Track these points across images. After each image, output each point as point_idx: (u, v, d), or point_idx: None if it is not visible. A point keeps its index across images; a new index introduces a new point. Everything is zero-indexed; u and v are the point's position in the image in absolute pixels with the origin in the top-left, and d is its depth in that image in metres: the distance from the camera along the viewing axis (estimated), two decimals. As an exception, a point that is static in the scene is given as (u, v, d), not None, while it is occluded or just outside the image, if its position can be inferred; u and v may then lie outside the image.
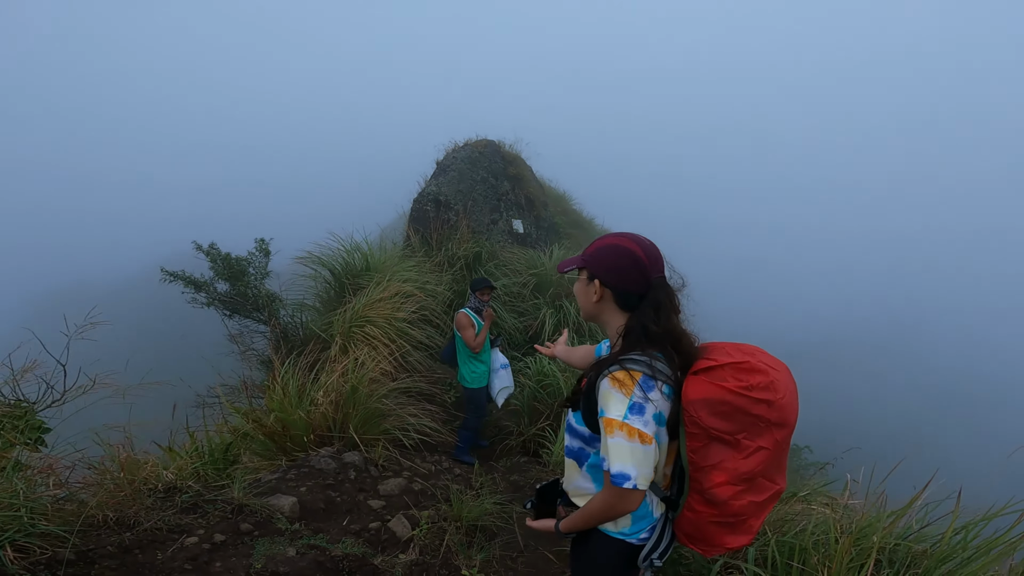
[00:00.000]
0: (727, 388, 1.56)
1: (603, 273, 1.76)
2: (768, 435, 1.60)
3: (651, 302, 1.70)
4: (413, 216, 9.99)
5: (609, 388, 1.61)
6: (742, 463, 1.59)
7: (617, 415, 1.58)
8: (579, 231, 13.87)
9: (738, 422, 1.57)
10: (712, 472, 1.60)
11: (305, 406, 4.35)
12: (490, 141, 12.02)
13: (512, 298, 8.24)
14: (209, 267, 7.46)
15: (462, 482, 4.45)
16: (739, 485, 1.60)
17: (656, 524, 1.81)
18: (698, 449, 1.60)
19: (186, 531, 2.92)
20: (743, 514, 1.64)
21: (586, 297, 1.83)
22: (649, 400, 1.59)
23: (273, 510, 3.19)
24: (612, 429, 1.57)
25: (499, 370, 5.51)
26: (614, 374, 1.62)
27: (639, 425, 1.57)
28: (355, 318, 6.37)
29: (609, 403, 1.60)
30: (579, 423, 1.81)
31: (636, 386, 1.59)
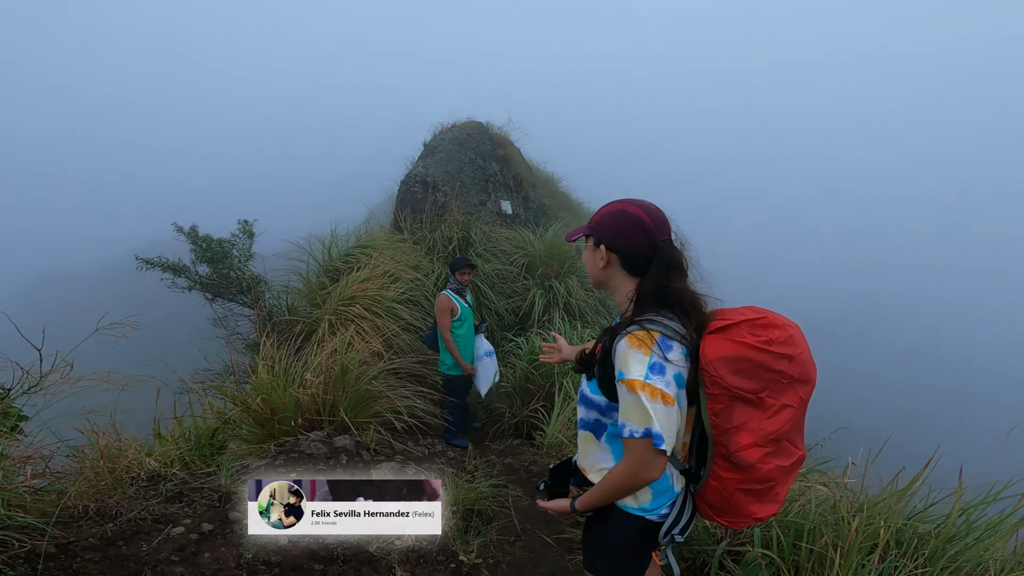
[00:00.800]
0: (747, 344, 1.50)
1: (609, 238, 1.72)
2: (792, 392, 1.56)
3: (659, 264, 1.66)
4: (400, 198, 9.90)
5: (628, 349, 1.55)
6: (768, 423, 1.53)
7: (639, 375, 1.52)
8: (568, 213, 13.76)
9: (761, 379, 1.52)
10: (738, 434, 1.53)
11: (294, 388, 4.22)
12: (478, 123, 11.91)
13: (501, 281, 8.12)
14: (190, 250, 7.26)
15: (456, 466, 4.36)
16: (766, 447, 1.54)
17: (677, 498, 1.75)
18: (721, 411, 1.53)
19: (172, 521, 2.80)
20: (771, 479, 1.58)
21: (594, 263, 1.79)
22: (669, 361, 1.54)
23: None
24: (634, 389, 1.52)
25: (483, 358, 5.40)
26: (633, 333, 1.57)
27: (661, 385, 1.51)
28: (342, 298, 6.24)
29: (629, 363, 1.54)
30: (595, 392, 1.74)
31: (655, 345, 1.54)
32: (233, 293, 7.10)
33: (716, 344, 1.53)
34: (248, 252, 7.73)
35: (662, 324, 1.58)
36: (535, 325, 7.27)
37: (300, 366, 4.51)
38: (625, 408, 1.55)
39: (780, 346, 1.51)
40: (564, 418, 4.85)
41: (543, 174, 14.77)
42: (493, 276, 8.07)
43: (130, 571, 2.47)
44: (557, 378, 5.40)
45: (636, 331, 1.57)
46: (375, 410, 4.39)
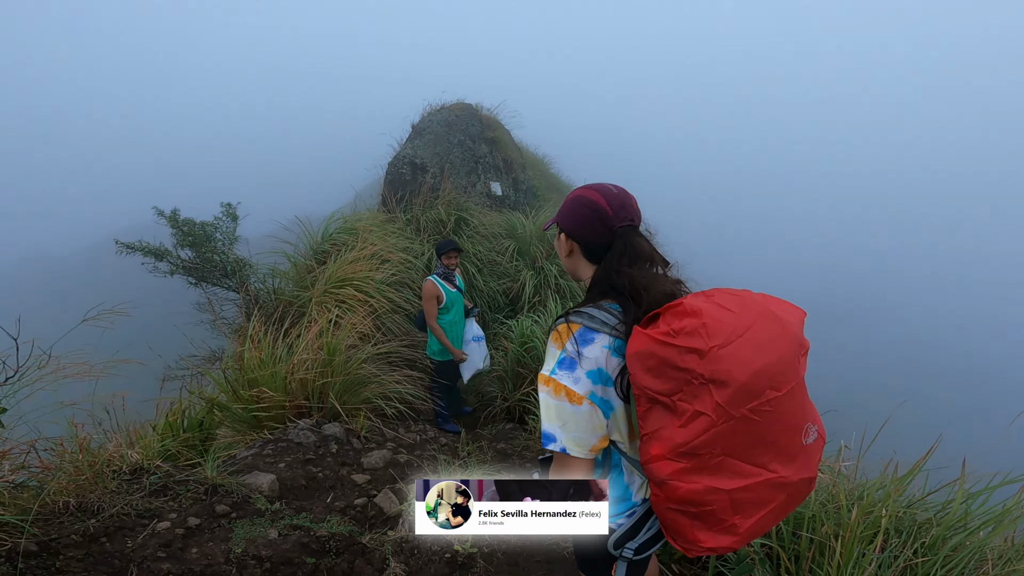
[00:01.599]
0: (652, 337, 1.31)
1: (569, 226, 1.64)
2: (705, 396, 1.26)
3: (615, 251, 1.54)
4: (389, 180, 9.80)
5: (549, 343, 1.49)
6: (679, 432, 1.29)
7: (546, 369, 1.45)
8: (558, 195, 13.65)
9: (670, 379, 1.29)
10: (649, 442, 1.35)
11: (280, 374, 4.13)
12: (467, 104, 11.80)
13: (491, 264, 8.04)
14: (171, 234, 7.09)
15: (448, 452, 4.30)
16: (678, 461, 1.30)
17: (635, 510, 1.56)
18: (642, 415, 1.36)
19: (157, 516, 2.71)
20: (703, 504, 1.31)
21: (560, 252, 1.72)
22: (582, 355, 1.41)
23: (251, 489, 2.99)
24: (540, 385, 1.45)
25: (470, 342, 5.31)
26: (557, 327, 1.48)
27: (567, 382, 1.40)
28: (330, 280, 6.14)
29: (546, 358, 1.48)
30: None
31: (570, 339, 1.43)
32: (217, 277, 6.95)
33: (636, 338, 1.36)
34: (232, 235, 7.57)
35: (588, 316, 1.45)
36: (526, 307, 7.21)
37: (287, 351, 4.41)
38: (542, 406, 1.47)
39: (686, 338, 1.27)
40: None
41: (534, 156, 14.66)
42: (483, 258, 7.99)
43: (115, 568, 2.38)
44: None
45: (560, 324, 1.47)
46: (365, 396, 4.31)
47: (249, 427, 4.12)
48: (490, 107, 12.11)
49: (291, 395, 4.08)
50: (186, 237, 7.10)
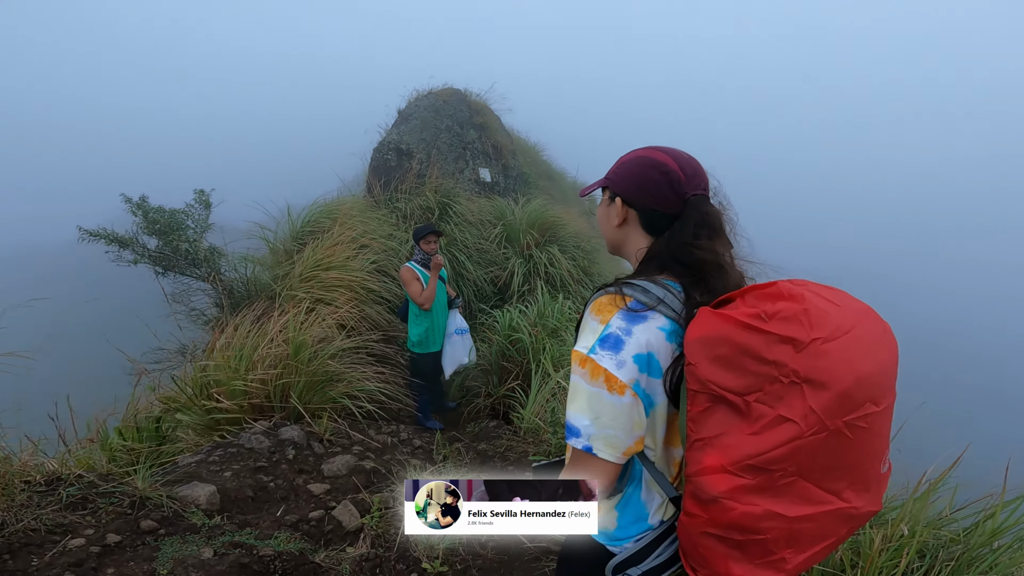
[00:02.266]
0: (732, 319, 1.03)
1: (626, 190, 1.31)
2: (794, 399, 0.97)
3: (686, 222, 1.24)
4: (374, 166, 9.47)
5: (588, 315, 1.20)
6: (750, 441, 1.00)
7: (583, 346, 1.15)
8: (550, 182, 13.32)
9: (749, 374, 1.01)
10: (704, 450, 1.05)
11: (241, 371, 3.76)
12: (456, 90, 11.47)
13: (479, 251, 7.68)
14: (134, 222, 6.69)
15: (423, 455, 3.93)
16: (741, 476, 1.01)
17: (649, 534, 1.26)
18: (697, 416, 1.07)
19: (71, 531, 2.34)
20: (755, 531, 1.02)
21: (608, 221, 1.39)
22: (632, 333, 1.12)
23: (186, 502, 2.61)
24: (573, 365, 1.16)
25: (452, 335, 4.93)
26: (600, 298, 1.21)
27: (608, 364, 1.10)
28: (305, 270, 5.77)
29: (583, 333, 1.19)
30: None
31: (618, 313, 1.15)
32: (184, 266, 6.56)
33: (700, 320, 1.09)
34: (204, 223, 7.18)
35: (643, 289, 1.17)
36: (515, 296, 6.85)
37: (250, 346, 4.04)
38: (570, 391, 1.17)
39: (780, 324, 0.99)
40: (542, 398, 4.43)
41: (525, 143, 14.29)
42: (471, 245, 7.62)
43: (12, 595, 2.02)
44: (534, 355, 4.97)
45: (605, 293, 1.21)
46: (331, 395, 3.94)
47: (206, 430, 3.75)
48: (479, 92, 11.76)
49: (249, 395, 3.70)
50: (152, 225, 6.71)
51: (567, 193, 13.71)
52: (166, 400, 4.07)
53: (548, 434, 3.91)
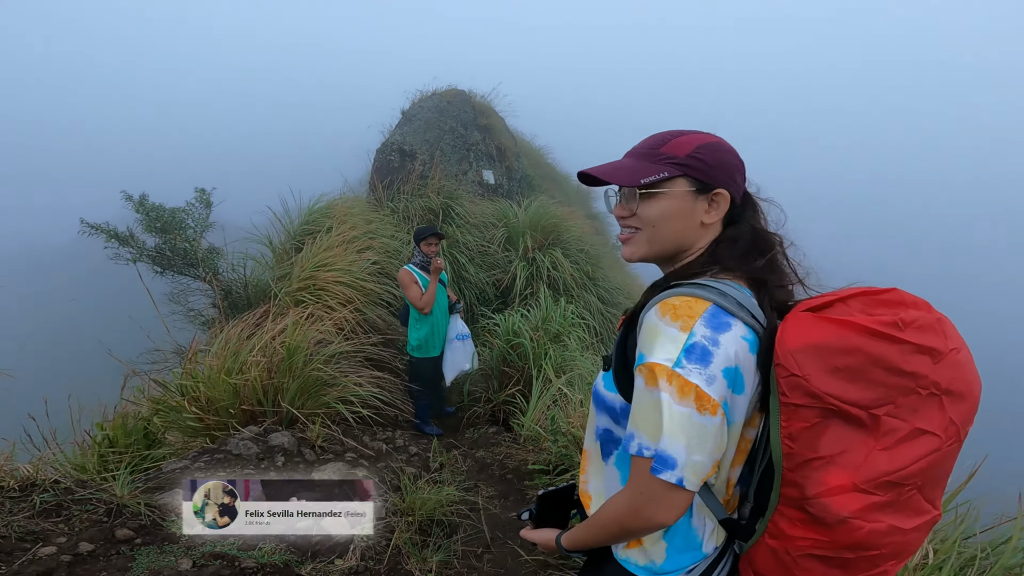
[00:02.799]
0: (860, 326, 0.92)
1: (725, 179, 1.14)
2: (932, 411, 0.93)
3: (755, 209, 1.19)
4: (377, 166, 9.44)
5: (657, 320, 1.01)
6: (883, 457, 0.92)
7: (665, 359, 0.96)
8: (554, 184, 13.22)
9: (877, 385, 0.91)
10: (825, 469, 0.94)
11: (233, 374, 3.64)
12: (460, 91, 11.44)
13: (481, 254, 7.57)
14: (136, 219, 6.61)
15: (418, 463, 3.80)
16: (875, 494, 0.93)
17: (703, 563, 1.15)
18: (801, 432, 0.95)
19: (42, 539, 2.22)
20: (872, 547, 0.96)
21: (688, 218, 1.14)
22: (720, 343, 0.97)
23: (166, 510, 2.50)
24: (654, 381, 0.96)
25: (452, 341, 4.81)
26: (666, 299, 1.04)
27: (698, 380, 0.95)
28: (304, 271, 5.66)
29: (655, 341, 0.99)
30: (609, 387, 1.18)
31: (700, 319, 0.99)
32: (180, 266, 6.46)
33: (804, 326, 0.96)
34: (204, 222, 7.09)
35: (719, 291, 1.03)
36: (517, 300, 6.74)
37: (244, 348, 3.93)
38: (637, 409, 1.00)
39: (917, 333, 0.92)
40: (543, 405, 4.31)
41: (529, 146, 14.23)
42: (474, 248, 7.52)
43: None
44: (536, 360, 4.85)
45: (675, 295, 1.04)
46: (325, 400, 3.82)
47: (195, 434, 3.64)
48: (484, 94, 11.71)
49: (241, 399, 3.59)
50: (153, 223, 6.62)
51: (571, 196, 13.60)
52: (156, 402, 3.96)
53: (548, 442, 3.78)
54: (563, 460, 3.64)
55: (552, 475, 3.62)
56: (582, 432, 3.67)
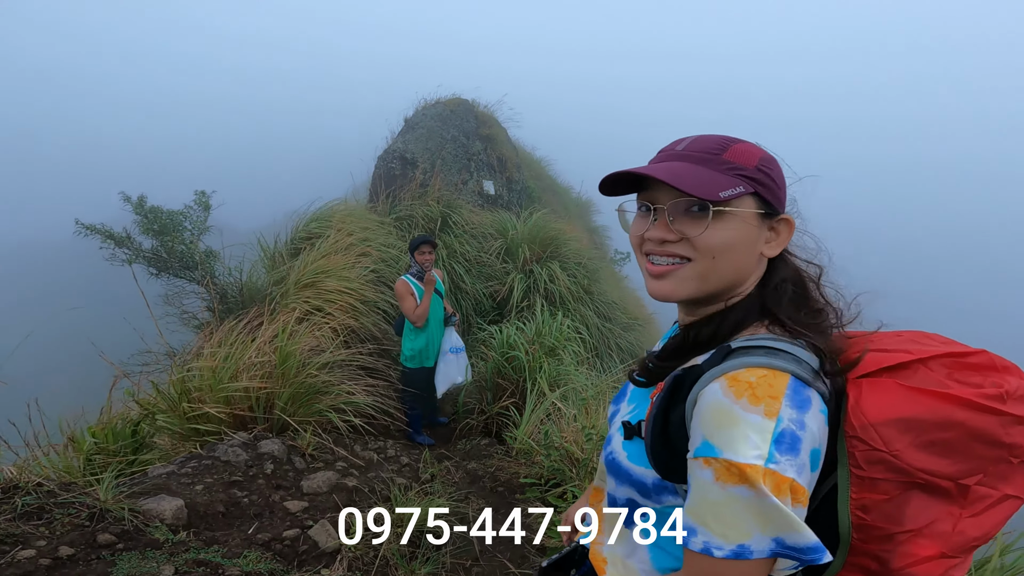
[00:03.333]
0: (960, 399, 0.83)
1: (783, 202, 0.98)
2: (1019, 477, 0.86)
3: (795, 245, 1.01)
4: (378, 174, 9.45)
5: (730, 404, 0.83)
6: (971, 524, 0.86)
7: (754, 456, 0.79)
8: (554, 197, 13.23)
9: (972, 458, 0.84)
10: (914, 542, 0.86)
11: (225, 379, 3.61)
12: (463, 100, 11.47)
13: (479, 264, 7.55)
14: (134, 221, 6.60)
15: (409, 474, 3.76)
16: (956, 557, 0.88)
17: None
18: (877, 504, 0.86)
19: (21, 542, 2.18)
20: None
21: (752, 250, 0.96)
22: (806, 425, 0.83)
23: (150, 516, 2.45)
24: (741, 480, 0.80)
25: (446, 354, 4.80)
26: (735, 374, 0.85)
27: (793, 473, 0.80)
28: (301, 277, 5.64)
29: (732, 432, 0.82)
30: (638, 460, 0.99)
31: (785, 399, 0.83)
32: (177, 268, 6.44)
33: (888, 396, 0.86)
34: (202, 225, 7.09)
35: (795, 357, 0.87)
36: (513, 312, 6.71)
37: (237, 353, 3.90)
38: (705, 505, 0.83)
39: (1018, 404, 0.83)
40: (536, 419, 4.28)
41: (530, 157, 14.25)
42: (471, 258, 7.50)
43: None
44: (530, 373, 4.82)
45: (746, 368, 0.86)
46: (317, 408, 3.78)
47: (185, 438, 3.60)
48: (487, 104, 11.75)
49: (232, 404, 3.55)
50: (151, 225, 6.62)
51: (570, 209, 13.62)
52: (145, 405, 3.92)
53: (541, 456, 3.74)
54: (555, 474, 3.61)
55: (543, 488, 3.59)
56: (575, 447, 3.63)
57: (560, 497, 3.45)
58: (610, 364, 6.84)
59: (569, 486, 3.45)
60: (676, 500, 0.94)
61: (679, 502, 0.93)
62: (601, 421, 3.93)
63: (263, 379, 3.68)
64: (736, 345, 0.90)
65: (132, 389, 4.11)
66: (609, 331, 7.47)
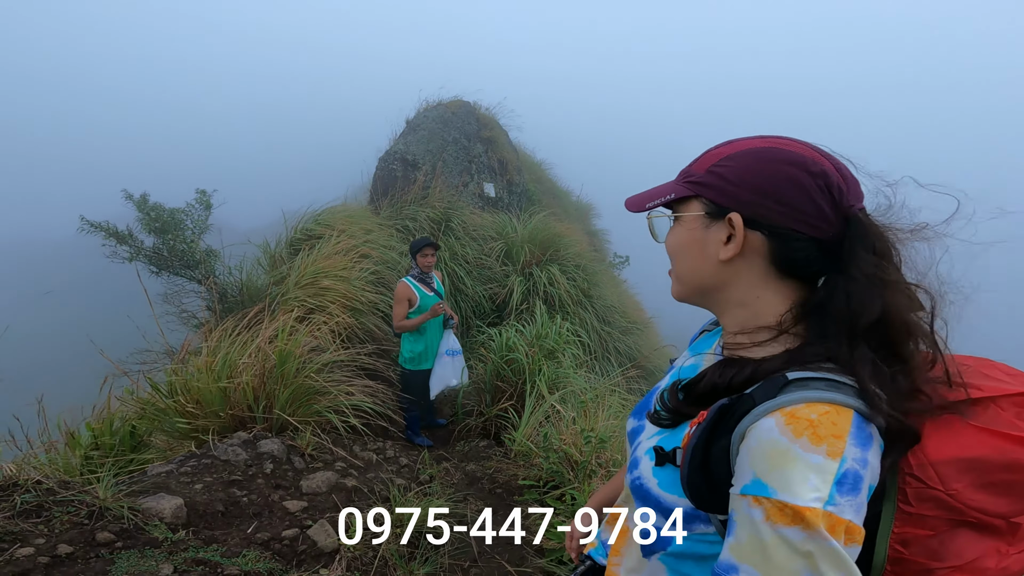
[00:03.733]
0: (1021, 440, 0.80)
1: (751, 200, 0.88)
2: None
3: (861, 255, 0.84)
4: (378, 175, 9.45)
5: (788, 443, 0.76)
6: (1017, 559, 0.83)
7: (813, 499, 0.73)
8: (554, 200, 13.24)
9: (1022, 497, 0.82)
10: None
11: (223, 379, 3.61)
12: (464, 102, 11.49)
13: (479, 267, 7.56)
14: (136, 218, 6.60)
15: (408, 475, 3.76)
16: None
17: None
18: (921, 540, 0.83)
19: (20, 540, 2.18)
20: None
21: (700, 252, 0.94)
22: (868, 464, 0.77)
23: (149, 514, 2.45)
24: (795, 522, 0.73)
25: (442, 356, 4.81)
26: (792, 410, 0.77)
27: (851, 515, 0.74)
28: (301, 277, 5.65)
29: (790, 472, 0.75)
30: (670, 488, 0.93)
31: (849, 437, 0.76)
32: (177, 267, 6.44)
33: (950, 434, 0.82)
34: (203, 224, 7.08)
35: (855, 391, 0.80)
36: (513, 314, 6.72)
37: (235, 352, 3.90)
38: (754, 544, 0.76)
39: None
40: (535, 421, 4.28)
41: (530, 160, 14.26)
42: (471, 260, 7.51)
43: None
44: (529, 376, 4.83)
45: (805, 403, 0.78)
46: (317, 408, 3.79)
47: (183, 437, 3.60)
48: (488, 106, 11.77)
49: (231, 403, 3.56)
50: (153, 223, 6.62)
51: (570, 212, 13.64)
52: (144, 404, 3.92)
53: (540, 458, 3.75)
54: (554, 476, 3.61)
55: (542, 490, 3.59)
56: (574, 450, 3.64)
57: (558, 499, 3.45)
58: (609, 367, 6.85)
59: (567, 488, 3.45)
60: (707, 528, 0.90)
61: (710, 530, 0.90)
62: (599, 423, 3.93)
63: (262, 378, 3.69)
64: (793, 376, 0.81)
65: (131, 387, 4.11)
66: (608, 334, 7.48)
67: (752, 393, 0.83)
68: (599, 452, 3.65)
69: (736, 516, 0.79)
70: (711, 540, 0.89)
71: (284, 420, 3.62)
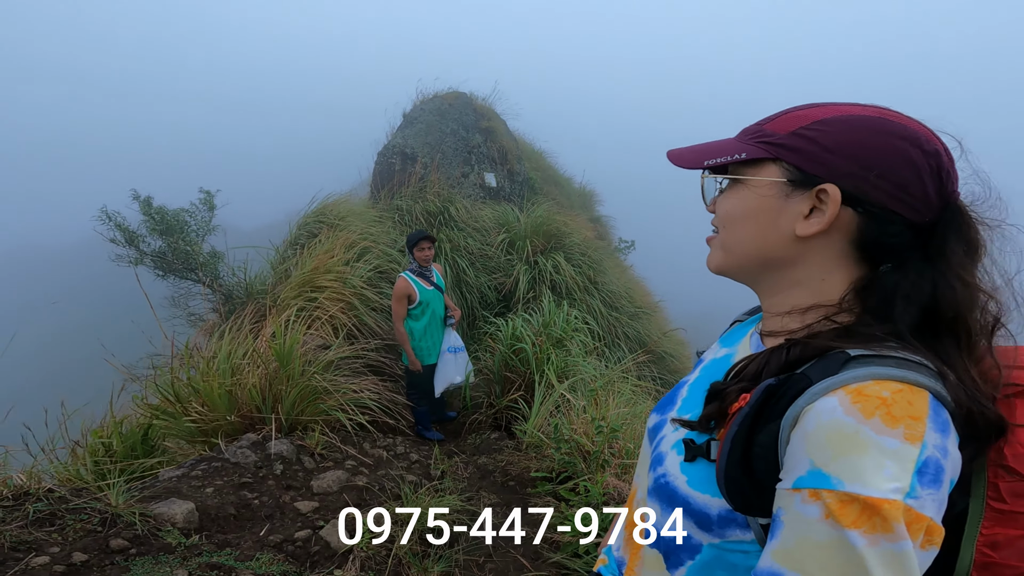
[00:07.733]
0: None
1: (851, 172, 0.75)
2: None
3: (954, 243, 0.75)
4: (378, 169, 9.40)
5: (854, 423, 0.64)
6: None
7: (893, 488, 0.61)
8: (556, 188, 13.16)
9: None
10: None
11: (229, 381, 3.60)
12: (461, 93, 11.43)
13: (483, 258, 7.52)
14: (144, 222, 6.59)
15: (419, 471, 3.75)
16: None
17: None
18: (1014, 542, 0.73)
19: (35, 549, 2.18)
20: None
21: (771, 224, 0.82)
22: (948, 453, 0.66)
23: (161, 520, 2.45)
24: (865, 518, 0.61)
25: (445, 354, 4.79)
26: (859, 387, 0.66)
27: (932, 512, 0.63)
28: (303, 275, 5.63)
29: (858, 460, 0.63)
30: (702, 486, 0.81)
31: (928, 420, 0.65)
32: (181, 270, 6.44)
33: None
34: (207, 225, 7.07)
35: (933, 372, 0.69)
36: (520, 304, 6.69)
37: (240, 354, 3.89)
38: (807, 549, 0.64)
39: None
40: (545, 411, 4.26)
41: (530, 148, 14.17)
42: (475, 252, 7.47)
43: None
44: (538, 365, 4.80)
45: (874, 380, 0.66)
46: (323, 407, 3.77)
47: (194, 441, 3.60)
48: (485, 96, 11.72)
49: (239, 405, 3.55)
50: (157, 225, 6.60)
51: (573, 199, 13.56)
52: (153, 409, 3.92)
53: (551, 449, 3.73)
54: (566, 467, 3.59)
55: (555, 483, 3.57)
56: (585, 439, 3.61)
57: (572, 491, 3.43)
58: (618, 353, 6.81)
59: (580, 479, 3.43)
60: (744, 535, 0.77)
61: (747, 536, 0.77)
62: (611, 412, 3.90)
63: (268, 379, 3.68)
64: (856, 353, 0.70)
65: (140, 393, 4.11)
66: (616, 320, 7.44)
67: (806, 371, 0.71)
68: (611, 441, 3.62)
69: (784, 515, 0.67)
70: (747, 549, 0.78)
71: (292, 420, 3.61)
